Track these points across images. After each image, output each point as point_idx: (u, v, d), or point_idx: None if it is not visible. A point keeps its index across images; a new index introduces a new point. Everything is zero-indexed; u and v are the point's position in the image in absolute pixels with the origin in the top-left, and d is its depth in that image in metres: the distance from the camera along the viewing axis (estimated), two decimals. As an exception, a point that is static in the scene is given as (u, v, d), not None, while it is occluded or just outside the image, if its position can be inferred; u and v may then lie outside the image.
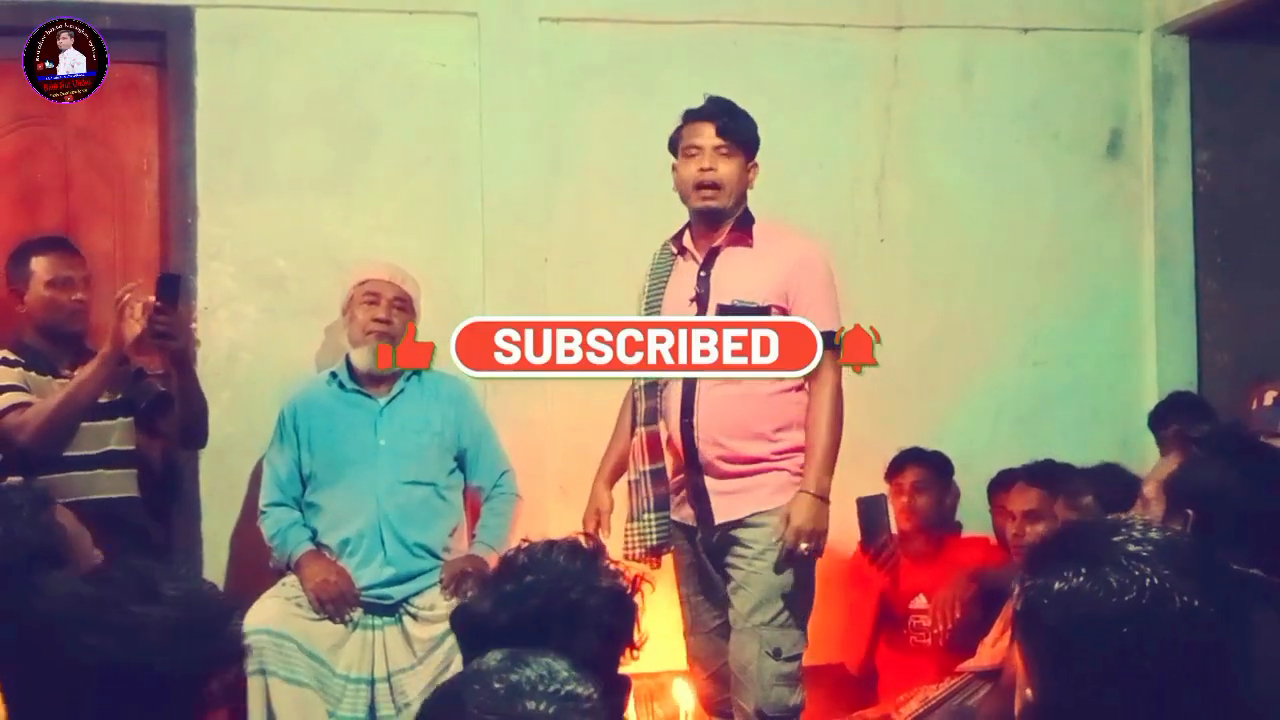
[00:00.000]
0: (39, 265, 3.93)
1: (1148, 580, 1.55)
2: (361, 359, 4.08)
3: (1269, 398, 4.25)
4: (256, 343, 4.41)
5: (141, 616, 1.71)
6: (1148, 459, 4.55)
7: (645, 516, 3.65)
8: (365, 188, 4.48)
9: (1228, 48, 4.84)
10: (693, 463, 3.62)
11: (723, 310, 3.56)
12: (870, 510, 4.21)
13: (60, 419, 3.77)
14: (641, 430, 3.67)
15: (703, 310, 3.60)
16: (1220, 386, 4.77)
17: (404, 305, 4.11)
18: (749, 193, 3.71)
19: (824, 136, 4.71)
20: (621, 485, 3.78)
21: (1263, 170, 4.88)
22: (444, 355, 4.32)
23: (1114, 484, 3.27)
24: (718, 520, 3.60)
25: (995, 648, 3.60)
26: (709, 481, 3.61)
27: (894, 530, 4.31)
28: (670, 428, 3.64)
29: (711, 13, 4.64)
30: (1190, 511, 2.46)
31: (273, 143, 4.43)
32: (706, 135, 3.64)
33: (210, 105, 4.38)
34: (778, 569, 3.54)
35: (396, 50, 4.51)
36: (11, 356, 3.90)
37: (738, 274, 3.62)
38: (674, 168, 3.71)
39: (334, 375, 4.14)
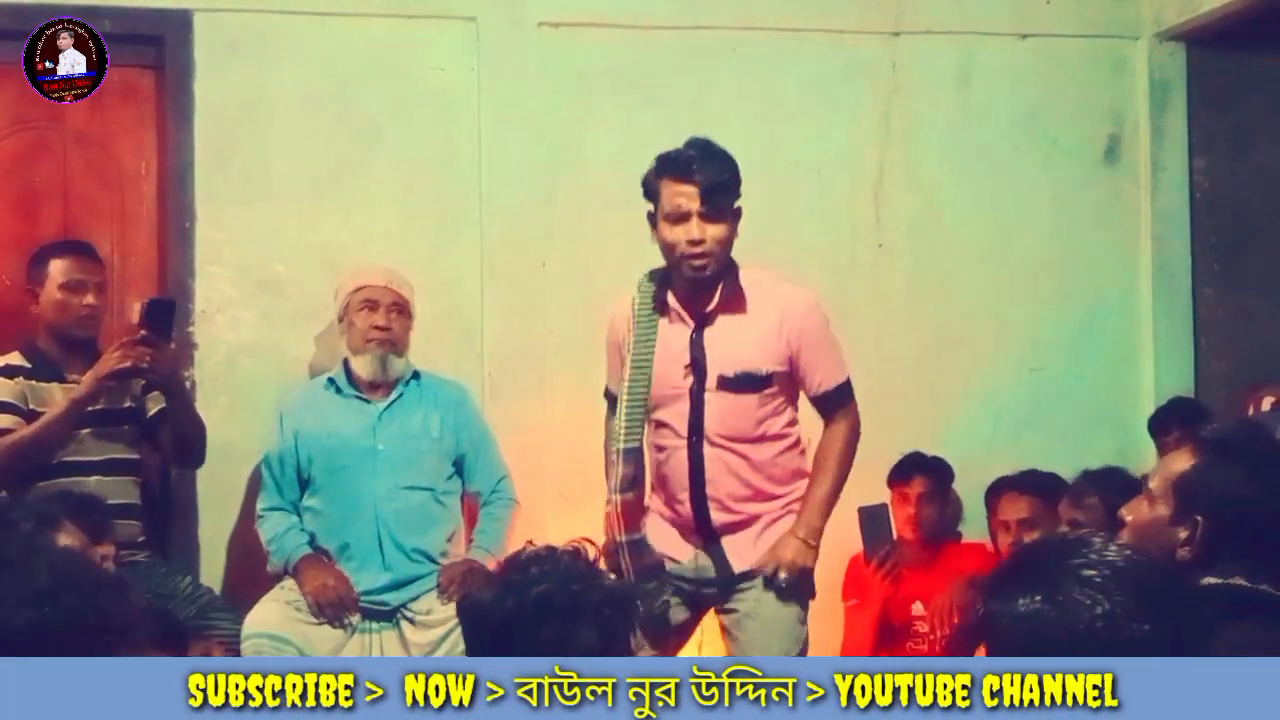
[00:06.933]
0: (55, 267, 3.95)
1: (1100, 608, 1.59)
2: (363, 367, 4.07)
3: (1266, 404, 4.25)
4: (255, 347, 4.40)
5: None
6: (1146, 465, 4.55)
7: None
8: (364, 193, 4.47)
9: (1225, 54, 4.84)
10: (705, 529, 3.52)
11: (724, 383, 3.43)
12: (872, 519, 4.19)
13: (23, 457, 3.77)
14: (617, 498, 3.50)
15: (700, 376, 3.45)
16: (1217, 392, 4.77)
17: (402, 309, 4.11)
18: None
19: (822, 142, 4.70)
20: None
21: (1260, 176, 4.88)
22: (441, 361, 4.36)
23: (1118, 487, 3.25)
24: (736, 570, 3.51)
25: (994, 653, 3.59)
26: (723, 540, 3.52)
27: (895, 538, 4.30)
28: (674, 497, 3.53)
29: (710, 18, 4.64)
30: (1201, 519, 2.33)
31: (271, 147, 4.43)
32: (688, 197, 3.36)
33: (209, 110, 4.38)
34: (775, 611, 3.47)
35: (395, 55, 4.50)
36: (16, 363, 3.90)
37: (736, 341, 3.45)
38: (650, 216, 3.44)
39: (332, 380, 4.13)
